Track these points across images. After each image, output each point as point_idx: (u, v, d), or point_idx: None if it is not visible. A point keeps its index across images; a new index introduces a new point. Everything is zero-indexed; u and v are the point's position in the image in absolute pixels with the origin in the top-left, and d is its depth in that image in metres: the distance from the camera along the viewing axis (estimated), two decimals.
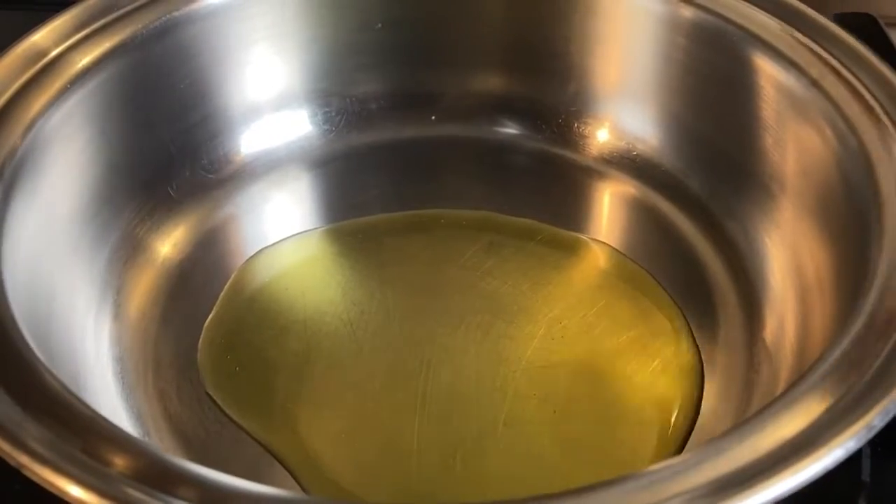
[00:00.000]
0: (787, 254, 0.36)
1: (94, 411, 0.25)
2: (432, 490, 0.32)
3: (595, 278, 0.39)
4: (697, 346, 0.36)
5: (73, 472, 0.22)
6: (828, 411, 0.24)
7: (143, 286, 0.38)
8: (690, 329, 0.37)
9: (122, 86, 0.38)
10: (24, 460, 0.23)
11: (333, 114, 0.45)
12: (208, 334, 0.37)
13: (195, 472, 0.23)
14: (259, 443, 0.34)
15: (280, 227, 0.41)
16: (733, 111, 0.39)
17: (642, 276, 0.39)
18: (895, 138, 0.32)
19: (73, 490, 0.22)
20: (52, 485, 0.22)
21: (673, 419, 0.34)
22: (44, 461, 0.23)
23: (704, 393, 0.35)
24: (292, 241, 0.41)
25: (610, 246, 0.40)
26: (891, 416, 0.23)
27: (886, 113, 0.33)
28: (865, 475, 0.33)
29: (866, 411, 0.23)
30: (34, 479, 0.22)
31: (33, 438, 0.23)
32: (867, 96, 0.34)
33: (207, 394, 0.35)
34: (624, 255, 0.40)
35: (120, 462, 0.23)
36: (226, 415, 0.35)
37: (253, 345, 0.37)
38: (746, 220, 0.39)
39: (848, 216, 0.32)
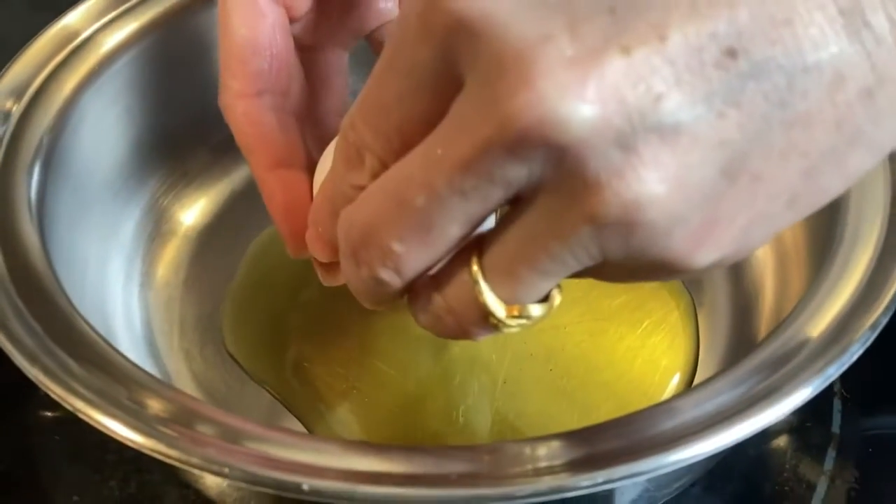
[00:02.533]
0: None
1: (133, 364, 0.28)
2: (434, 441, 0.34)
3: None
4: (694, 305, 0.37)
5: (119, 414, 0.25)
6: (791, 365, 0.26)
7: (168, 254, 0.40)
8: (688, 290, 0.38)
9: (149, 64, 0.39)
10: (78, 405, 0.25)
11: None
12: (229, 298, 0.39)
13: (219, 415, 0.26)
14: (275, 397, 0.36)
15: None
16: None
17: None
18: None
19: (119, 429, 0.25)
20: (102, 425, 0.25)
21: (669, 376, 0.35)
22: (94, 405, 0.25)
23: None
24: None
25: None
26: (845, 367, 0.25)
27: None
28: (836, 427, 0.36)
29: (825, 364, 0.26)
30: (86, 420, 0.25)
31: (85, 387, 0.26)
32: None
33: (229, 353, 0.37)
34: None
35: (156, 405, 0.26)
36: (245, 372, 0.36)
37: (271, 308, 0.38)
38: None
39: None
